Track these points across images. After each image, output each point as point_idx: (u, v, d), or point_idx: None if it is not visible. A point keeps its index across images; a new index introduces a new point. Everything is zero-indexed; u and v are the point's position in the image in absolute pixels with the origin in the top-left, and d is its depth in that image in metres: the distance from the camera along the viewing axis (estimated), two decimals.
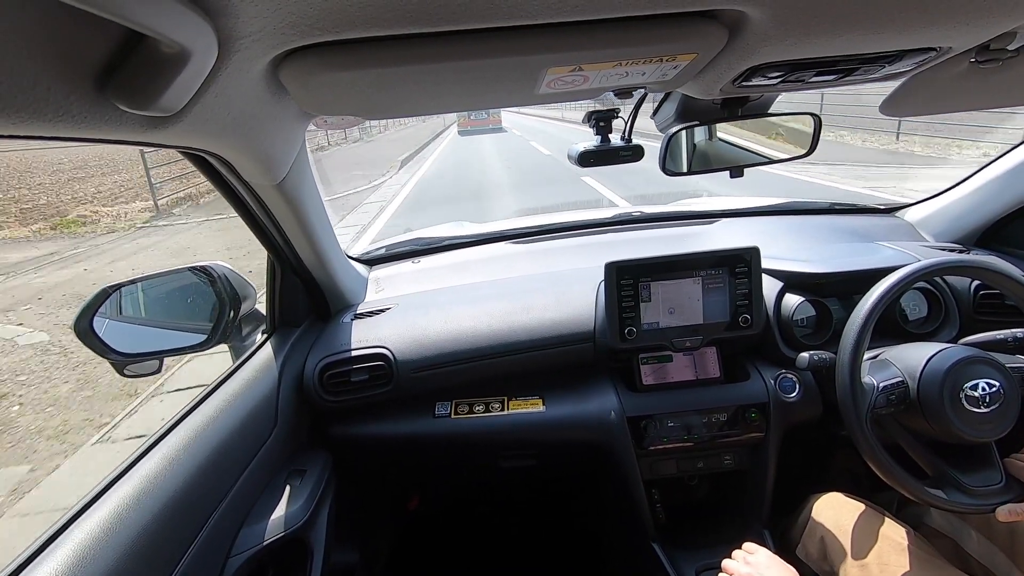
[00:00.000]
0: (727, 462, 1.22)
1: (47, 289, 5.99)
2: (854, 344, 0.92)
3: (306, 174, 0.99)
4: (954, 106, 0.97)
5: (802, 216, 1.68)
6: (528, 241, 1.62)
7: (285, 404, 1.06)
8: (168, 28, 0.38)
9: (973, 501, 0.85)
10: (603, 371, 1.23)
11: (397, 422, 1.19)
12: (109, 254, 7.47)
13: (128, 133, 0.49)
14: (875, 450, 0.88)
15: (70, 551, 0.60)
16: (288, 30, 0.47)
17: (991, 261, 0.96)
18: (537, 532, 1.73)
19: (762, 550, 0.91)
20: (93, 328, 0.91)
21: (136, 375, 1.01)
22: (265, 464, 0.97)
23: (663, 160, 1.03)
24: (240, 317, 1.12)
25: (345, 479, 1.21)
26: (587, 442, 1.18)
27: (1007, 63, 0.70)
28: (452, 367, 1.17)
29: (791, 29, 0.56)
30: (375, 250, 1.64)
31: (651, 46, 0.57)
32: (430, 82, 0.61)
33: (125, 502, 0.68)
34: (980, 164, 1.43)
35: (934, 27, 0.58)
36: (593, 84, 0.69)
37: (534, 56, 0.56)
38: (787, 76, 0.71)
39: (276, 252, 1.11)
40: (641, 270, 1.15)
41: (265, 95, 0.61)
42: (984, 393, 0.86)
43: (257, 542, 0.86)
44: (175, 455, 0.78)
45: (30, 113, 0.38)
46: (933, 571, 0.84)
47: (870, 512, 0.97)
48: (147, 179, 9.96)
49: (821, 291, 1.22)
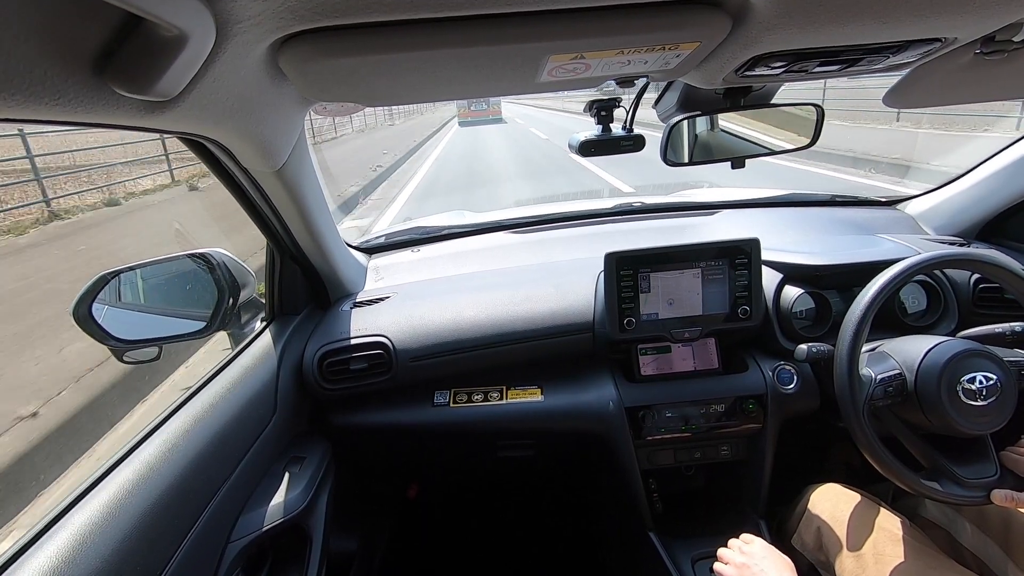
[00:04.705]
0: (724, 453, 1.23)
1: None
2: (852, 336, 0.92)
3: (305, 161, 0.98)
4: (959, 98, 0.96)
5: (803, 208, 1.67)
6: (528, 231, 1.61)
7: (284, 392, 1.06)
8: (165, 11, 0.37)
9: (968, 493, 0.85)
10: (602, 361, 1.23)
11: (396, 411, 1.19)
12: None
13: (126, 118, 0.48)
14: (872, 442, 0.89)
15: (70, 535, 0.60)
16: (287, 15, 0.46)
17: (991, 255, 0.95)
18: (535, 521, 1.75)
19: (758, 540, 0.91)
20: (92, 314, 0.91)
21: (135, 361, 1.02)
22: (264, 451, 0.97)
23: (664, 150, 1.03)
24: (239, 304, 1.13)
25: (344, 467, 1.21)
26: (585, 432, 1.19)
27: (1012, 54, 0.69)
28: (451, 356, 1.17)
29: (795, 18, 0.55)
30: (374, 238, 1.63)
31: (654, 34, 0.56)
32: (430, 69, 0.61)
33: (125, 487, 0.68)
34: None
35: (940, 17, 0.58)
36: (595, 72, 0.68)
37: (535, 43, 0.56)
38: (790, 66, 0.70)
39: (275, 239, 1.10)
40: (641, 261, 1.15)
41: (264, 80, 0.60)
42: (981, 386, 0.86)
43: (256, 528, 0.87)
44: (175, 441, 0.78)
45: (27, 97, 0.38)
46: (927, 562, 0.85)
47: (866, 503, 0.98)
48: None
49: (820, 283, 1.22)
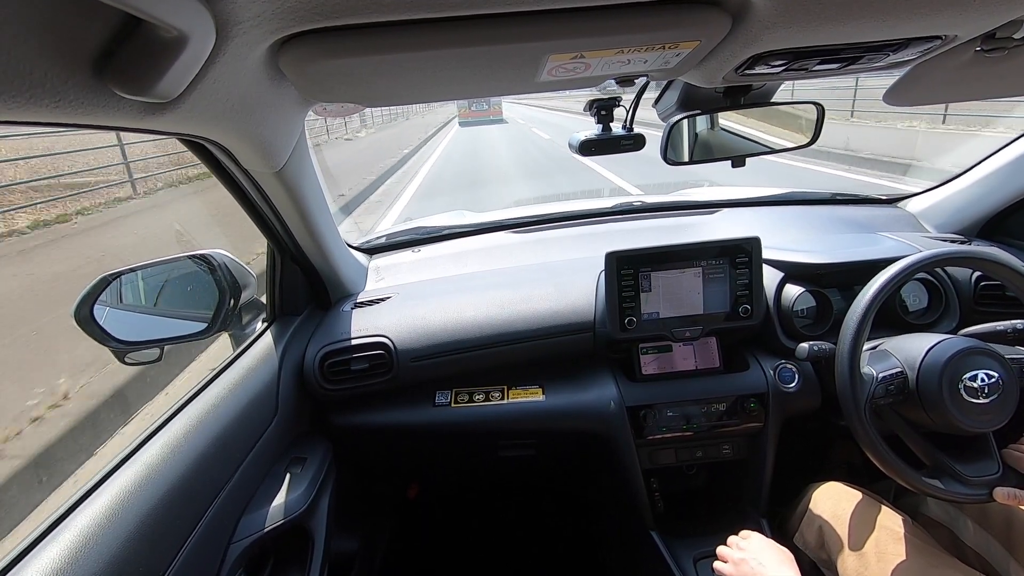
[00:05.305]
0: (726, 452, 1.22)
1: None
2: (854, 335, 0.92)
3: (306, 161, 0.98)
4: (959, 95, 0.96)
5: (803, 207, 1.67)
6: (528, 231, 1.61)
7: (285, 392, 1.06)
8: (165, 12, 0.37)
9: (970, 491, 0.85)
10: (603, 361, 1.23)
11: (397, 411, 1.19)
12: None
13: (126, 119, 0.48)
14: (873, 440, 0.89)
15: (73, 536, 0.60)
16: (287, 15, 0.46)
17: (992, 252, 0.95)
18: (536, 521, 1.75)
19: (755, 535, 0.92)
20: (93, 316, 0.91)
21: (137, 363, 1.02)
22: (266, 452, 0.97)
23: (664, 149, 1.02)
24: (240, 305, 1.13)
25: (345, 467, 1.21)
26: (586, 431, 1.19)
27: (1013, 52, 0.69)
28: (452, 356, 1.17)
29: (795, 16, 0.55)
30: (375, 239, 1.63)
31: (653, 33, 0.56)
32: (430, 69, 0.61)
33: (127, 488, 0.68)
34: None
35: (940, 15, 0.57)
36: (595, 72, 0.68)
37: (535, 43, 0.56)
38: (791, 64, 0.70)
39: (276, 240, 1.10)
40: (642, 260, 1.15)
41: (264, 81, 0.60)
42: (983, 384, 0.86)
43: (258, 529, 0.87)
44: (176, 443, 0.78)
45: (27, 99, 0.38)
46: (929, 560, 0.85)
47: (868, 501, 0.98)
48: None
49: (821, 282, 1.22)
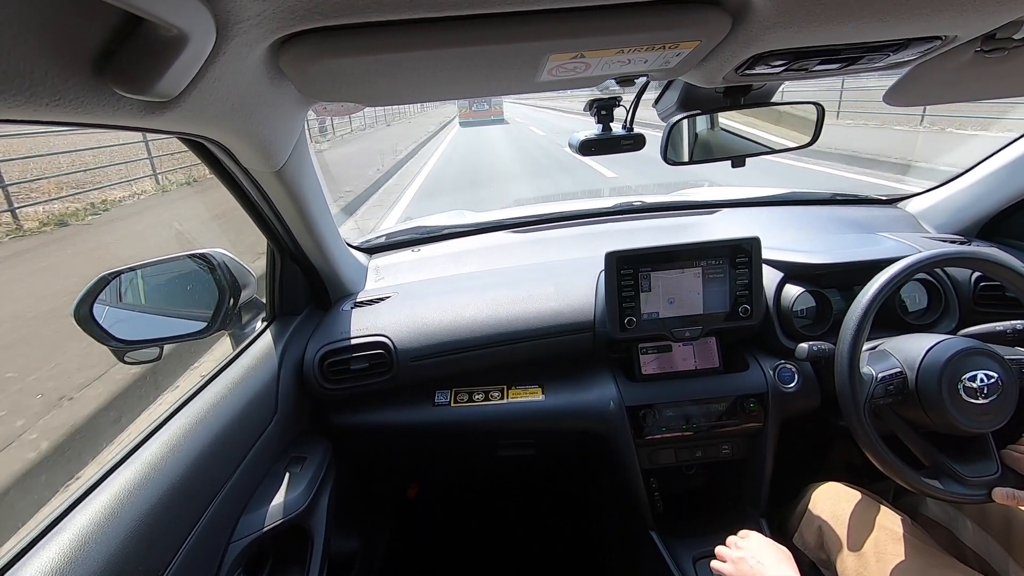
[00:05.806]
0: (725, 451, 1.23)
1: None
2: (853, 335, 0.92)
3: (306, 161, 0.98)
4: (959, 96, 0.96)
5: (803, 207, 1.67)
6: (528, 230, 1.61)
7: (285, 392, 1.06)
8: (165, 11, 0.37)
9: (969, 491, 0.85)
10: (603, 361, 1.23)
11: (397, 410, 1.19)
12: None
13: (126, 118, 0.48)
14: (873, 440, 0.89)
15: (72, 535, 0.60)
16: (287, 14, 0.46)
17: (992, 252, 0.95)
18: (535, 521, 1.75)
19: (754, 534, 0.92)
20: (93, 315, 0.91)
21: (136, 362, 1.02)
22: (265, 451, 0.97)
23: (664, 149, 1.02)
24: (240, 305, 1.13)
25: (345, 467, 1.21)
26: (586, 431, 1.19)
27: (1013, 52, 0.69)
28: (452, 356, 1.17)
29: (795, 16, 0.55)
30: (375, 238, 1.63)
31: (654, 33, 0.56)
32: (430, 68, 0.61)
33: (126, 488, 0.68)
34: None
35: (940, 16, 0.57)
36: (595, 71, 0.68)
37: (535, 42, 0.56)
38: (791, 64, 0.70)
39: (276, 240, 1.10)
40: (641, 260, 1.15)
41: (264, 80, 0.60)
42: (982, 384, 0.86)
43: (257, 528, 0.87)
44: (176, 442, 0.78)
45: (27, 98, 0.38)
46: (928, 560, 0.85)
47: (867, 502, 0.98)
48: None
49: (821, 282, 1.22)
